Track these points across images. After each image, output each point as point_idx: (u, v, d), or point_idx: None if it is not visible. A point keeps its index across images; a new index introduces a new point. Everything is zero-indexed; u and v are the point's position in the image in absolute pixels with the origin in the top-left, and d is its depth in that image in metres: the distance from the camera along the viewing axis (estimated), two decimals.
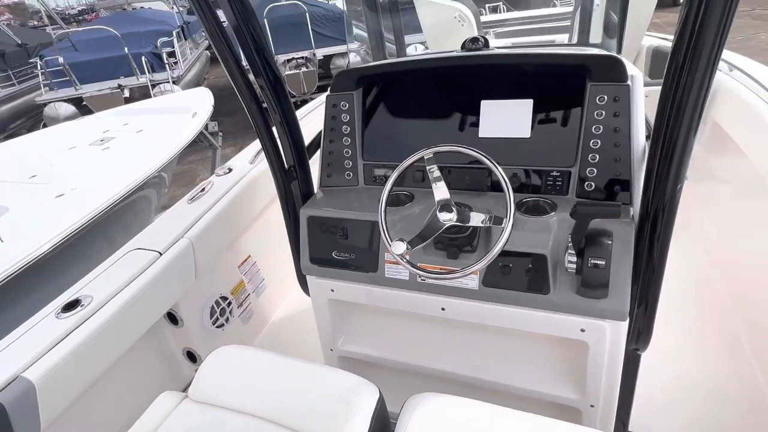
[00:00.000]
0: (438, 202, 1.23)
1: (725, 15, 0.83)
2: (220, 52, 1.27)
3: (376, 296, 1.51)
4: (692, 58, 0.90)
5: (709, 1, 0.82)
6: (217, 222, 1.94)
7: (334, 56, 9.14)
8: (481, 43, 1.51)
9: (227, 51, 1.27)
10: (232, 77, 1.33)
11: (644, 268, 1.18)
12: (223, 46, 1.26)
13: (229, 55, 1.27)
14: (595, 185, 1.31)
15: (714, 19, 0.84)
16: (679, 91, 0.96)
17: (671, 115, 0.99)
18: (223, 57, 1.28)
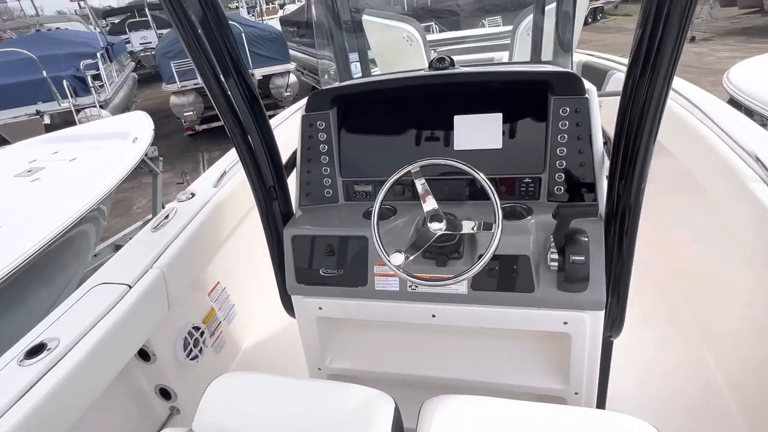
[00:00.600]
0: (427, 212, 1.29)
1: (681, 29, 0.96)
2: (201, 68, 1.25)
3: (366, 310, 1.53)
4: (651, 72, 1.03)
5: (665, 16, 0.95)
6: (186, 249, 1.87)
7: (273, 76, 9.08)
8: (448, 62, 1.61)
9: (207, 67, 1.25)
10: (213, 95, 1.30)
11: (615, 261, 1.31)
12: (203, 62, 1.24)
13: (210, 72, 1.26)
14: (564, 189, 1.43)
15: (671, 33, 0.97)
16: (639, 102, 1.09)
17: (634, 124, 1.12)
18: (203, 73, 1.26)
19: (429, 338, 1.63)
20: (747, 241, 1.69)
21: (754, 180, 1.65)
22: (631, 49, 1.11)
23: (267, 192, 1.51)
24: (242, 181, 2.30)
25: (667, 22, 0.95)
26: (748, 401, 1.71)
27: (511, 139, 1.48)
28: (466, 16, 7.93)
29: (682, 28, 0.95)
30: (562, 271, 1.27)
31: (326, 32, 2.02)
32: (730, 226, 1.79)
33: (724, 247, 1.95)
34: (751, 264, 1.73)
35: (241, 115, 1.37)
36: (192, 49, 1.21)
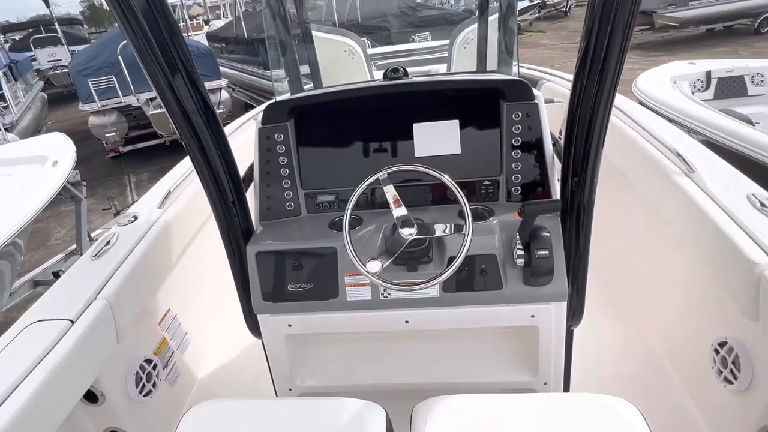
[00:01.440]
0: (398, 218, 1.30)
1: (626, 32, 1.06)
2: (154, 78, 1.17)
3: (338, 322, 1.50)
4: (599, 77, 1.13)
5: (611, 25, 1.04)
6: (133, 276, 1.73)
7: None
8: (402, 73, 1.65)
9: (162, 77, 1.18)
10: (169, 108, 1.23)
11: (574, 254, 1.40)
12: (157, 72, 1.17)
13: (164, 82, 1.18)
14: (521, 189, 1.51)
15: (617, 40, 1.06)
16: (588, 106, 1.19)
17: (584, 127, 1.21)
18: (157, 83, 1.18)
19: (401, 345, 1.63)
20: (675, 228, 1.87)
21: (677, 173, 1.85)
22: (577, 58, 1.21)
23: (227, 208, 1.44)
24: (190, 200, 2.19)
25: (612, 31, 1.05)
26: (683, 367, 1.88)
27: (469, 144, 1.54)
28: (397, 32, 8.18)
29: (627, 32, 1.05)
30: (528, 266, 1.34)
31: (277, 45, 1.99)
32: (659, 215, 1.98)
33: (655, 235, 2.15)
34: (679, 248, 1.92)
35: (197, 128, 1.30)
36: (145, 58, 1.14)
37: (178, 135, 1.30)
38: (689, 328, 1.84)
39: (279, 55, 1.99)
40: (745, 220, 1.50)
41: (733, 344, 1.55)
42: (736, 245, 1.43)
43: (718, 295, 1.66)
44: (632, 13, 1.02)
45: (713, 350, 1.64)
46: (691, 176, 1.80)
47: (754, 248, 1.40)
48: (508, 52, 1.95)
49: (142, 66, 1.16)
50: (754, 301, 1.37)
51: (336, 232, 1.50)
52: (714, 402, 1.66)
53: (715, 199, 1.65)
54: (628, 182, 2.23)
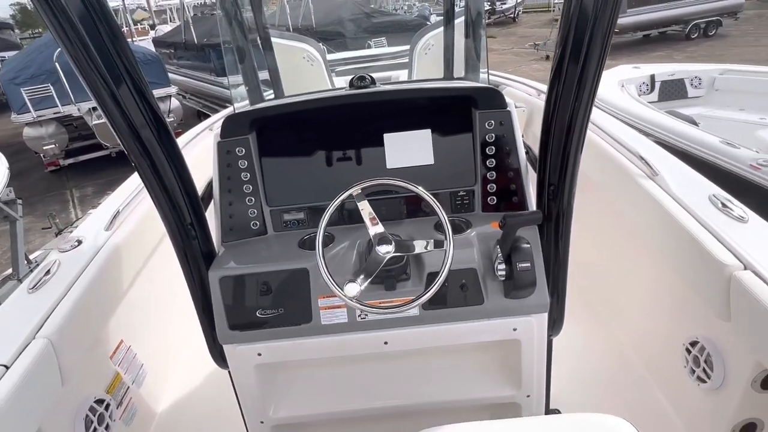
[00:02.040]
0: (374, 236, 1.22)
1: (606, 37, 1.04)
2: (94, 88, 1.04)
3: (312, 348, 1.40)
4: (578, 85, 1.11)
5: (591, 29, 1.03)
6: (79, 309, 1.56)
7: None
8: (368, 81, 1.58)
9: (103, 87, 1.04)
10: (113, 121, 1.09)
11: (553, 264, 1.37)
12: (96, 81, 1.04)
13: (106, 93, 1.05)
14: (497, 199, 1.47)
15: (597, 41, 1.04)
16: (566, 113, 1.16)
17: (563, 135, 1.19)
18: (98, 94, 1.05)
19: (380, 367, 1.55)
20: (642, 230, 1.91)
21: (641, 176, 1.88)
22: (552, 64, 1.18)
23: (185, 230, 1.31)
24: (142, 220, 2.01)
25: (592, 36, 1.03)
26: (656, 368, 1.92)
27: (442, 154, 1.49)
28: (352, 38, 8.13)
29: (607, 36, 1.03)
30: (510, 279, 1.30)
31: (234, 51, 1.86)
32: (626, 218, 2.01)
33: (621, 238, 2.19)
34: (647, 251, 1.95)
35: (147, 143, 1.17)
36: (82, 66, 1.00)
37: (126, 152, 1.17)
38: (660, 330, 1.88)
39: (236, 61, 1.86)
40: (710, 222, 1.54)
41: (705, 343, 1.58)
42: (704, 247, 1.46)
43: (687, 296, 1.69)
44: (612, 16, 1.01)
45: (685, 350, 1.67)
46: (655, 179, 1.83)
47: (722, 250, 1.43)
48: (477, 58, 1.92)
49: (80, 76, 1.02)
50: (725, 301, 1.39)
51: (307, 251, 1.40)
52: (688, 401, 1.69)
53: (680, 201, 1.68)
54: (593, 185, 2.27)
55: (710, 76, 4.98)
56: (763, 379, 1.39)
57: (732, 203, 1.64)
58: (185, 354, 2.29)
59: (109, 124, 1.10)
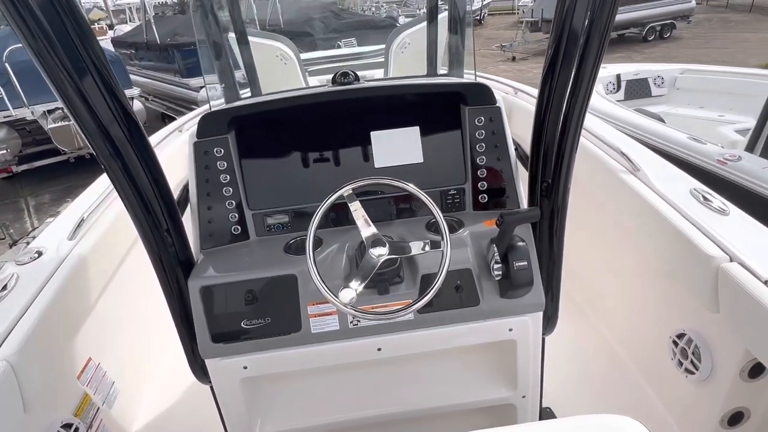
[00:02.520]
0: (367, 238, 1.17)
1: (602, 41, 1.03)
2: (59, 86, 0.94)
3: (301, 358, 1.33)
4: (574, 81, 1.09)
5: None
6: (41, 326, 1.43)
7: None
8: (352, 77, 1.52)
9: (70, 85, 0.95)
10: (81, 122, 0.99)
11: (547, 261, 1.35)
12: (62, 79, 0.94)
13: (77, 96, 0.96)
14: (488, 197, 1.44)
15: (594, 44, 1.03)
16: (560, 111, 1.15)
17: (559, 131, 1.17)
18: (64, 93, 0.95)
19: (372, 373, 1.49)
20: (625, 225, 1.92)
21: (624, 172, 1.90)
22: (546, 60, 1.16)
23: (161, 238, 1.22)
24: (109, 228, 1.88)
25: (591, 27, 1.01)
26: (643, 361, 1.94)
27: (431, 152, 1.45)
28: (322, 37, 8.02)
29: (606, 27, 1.01)
30: (506, 278, 1.26)
31: (210, 47, 1.76)
32: (609, 214, 2.03)
33: (605, 233, 2.21)
34: (630, 245, 1.97)
35: (119, 145, 1.07)
36: (47, 63, 0.90)
37: (96, 155, 1.06)
38: (647, 323, 1.90)
39: (212, 59, 1.77)
40: (694, 216, 1.56)
41: (692, 335, 1.60)
42: (691, 241, 1.47)
43: (673, 289, 1.71)
44: (613, 8, 0.99)
45: (672, 342, 1.69)
46: (637, 174, 1.85)
47: (708, 243, 1.44)
48: (461, 55, 1.89)
49: (44, 74, 0.93)
50: (713, 293, 1.41)
51: (293, 256, 1.33)
52: (677, 393, 1.71)
53: (663, 195, 1.70)
54: (575, 181, 2.28)
55: (672, 75, 5.17)
56: (751, 369, 1.42)
57: (712, 196, 1.67)
58: (160, 369, 2.16)
59: (75, 123, 1.00)
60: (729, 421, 1.52)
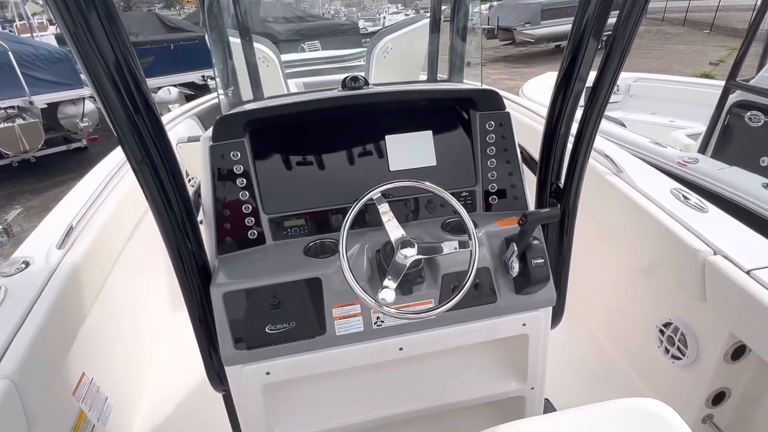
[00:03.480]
0: (396, 240, 1.19)
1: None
2: (96, 76, 0.90)
3: (325, 361, 1.33)
4: (597, 84, 1.17)
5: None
6: (39, 341, 1.34)
7: (61, 104, 7.48)
8: (362, 82, 1.54)
9: (106, 75, 0.91)
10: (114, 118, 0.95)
11: (557, 257, 1.43)
12: (99, 68, 0.90)
13: (109, 82, 0.91)
14: (498, 198, 1.50)
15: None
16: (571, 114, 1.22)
17: (576, 139, 1.25)
18: (99, 84, 0.91)
19: (390, 373, 1.51)
20: (611, 223, 2.05)
21: (608, 173, 2.03)
22: (561, 70, 1.24)
23: (184, 242, 1.19)
24: (98, 235, 1.79)
25: (620, 26, 1.09)
26: (630, 351, 2.07)
27: (443, 155, 1.49)
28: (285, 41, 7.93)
29: (637, 18, 1.10)
30: (522, 275, 1.33)
31: (225, 47, 1.72)
32: (594, 213, 2.15)
33: (593, 231, 2.33)
34: (615, 243, 2.11)
35: (147, 144, 1.03)
36: (83, 49, 0.86)
37: (126, 154, 1.02)
38: (633, 315, 2.03)
39: (225, 59, 1.72)
40: (678, 213, 1.69)
41: (678, 324, 1.73)
42: (678, 236, 1.60)
43: (658, 282, 1.85)
44: (640, 13, 1.08)
45: (658, 331, 1.82)
46: (620, 176, 1.98)
47: (693, 238, 1.58)
48: (461, 61, 1.96)
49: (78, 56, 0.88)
50: (700, 284, 1.54)
51: (314, 259, 1.33)
52: (664, 377, 1.84)
53: (647, 195, 1.84)
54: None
55: (626, 83, 5.52)
56: (734, 351, 1.56)
57: (690, 195, 1.82)
58: (153, 382, 2.07)
59: (109, 120, 0.96)
60: (713, 401, 1.66)
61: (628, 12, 1.12)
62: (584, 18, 1.20)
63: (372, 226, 1.43)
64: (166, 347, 1.88)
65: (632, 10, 1.11)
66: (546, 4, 15.41)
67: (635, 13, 1.11)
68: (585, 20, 1.21)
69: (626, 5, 1.12)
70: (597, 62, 1.28)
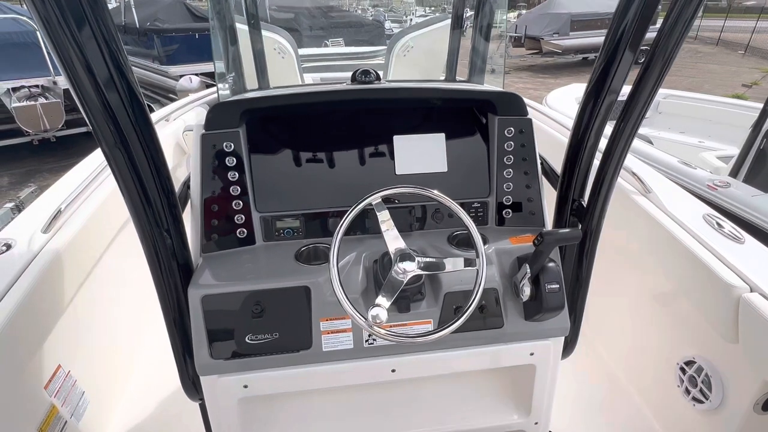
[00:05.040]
0: (395, 252, 1.07)
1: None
2: (67, 64, 0.81)
3: (308, 378, 1.21)
4: (631, 99, 1.04)
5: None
6: (8, 330, 1.26)
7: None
8: (373, 76, 1.42)
9: (80, 63, 0.81)
10: (85, 101, 0.86)
11: (574, 284, 1.29)
12: (71, 55, 0.81)
13: (83, 69, 0.82)
14: (512, 213, 1.37)
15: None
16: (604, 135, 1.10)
17: (605, 154, 1.12)
18: (68, 65, 0.81)
19: (381, 395, 1.39)
20: (633, 246, 1.89)
21: (635, 193, 1.87)
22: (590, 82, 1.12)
23: (162, 238, 1.08)
24: (87, 221, 1.70)
25: (661, 39, 0.96)
26: (647, 389, 1.91)
27: (455, 162, 1.37)
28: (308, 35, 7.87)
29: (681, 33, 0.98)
30: (533, 300, 1.19)
31: (227, 32, 1.62)
32: (617, 236, 2.00)
33: (612, 256, 2.16)
34: (637, 266, 1.95)
35: (124, 130, 0.93)
36: (53, 29, 0.77)
37: (98, 139, 0.92)
38: (651, 348, 1.87)
39: (227, 44, 1.63)
40: (710, 242, 1.54)
41: (702, 363, 1.57)
42: (708, 268, 1.45)
43: (683, 315, 1.69)
44: (687, 25, 0.95)
45: (679, 369, 1.66)
46: (648, 196, 1.83)
47: (727, 272, 1.42)
48: (483, 64, 1.83)
49: (49, 43, 0.79)
50: (733, 323, 1.38)
51: (305, 265, 1.22)
52: (682, 422, 1.68)
53: (676, 219, 1.68)
54: None
55: (655, 99, 5.29)
56: (766, 401, 1.40)
57: (725, 222, 1.66)
58: (135, 379, 1.98)
59: (78, 101, 0.86)
60: None
61: (673, 22, 1.00)
62: (621, 26, 1.08)
63: (372, 233, 1.31)
64: (150, 342, 1.78)
65: (677, 23, 0.99)
66: (576, 15, 15.14)
67: (680, 25, 0.99)
68: (622, 29, 1.08)
69: (671, 16, 1.00)
70: (631, 75, 1.17)
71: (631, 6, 1.08)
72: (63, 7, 0.76)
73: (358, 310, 1.00)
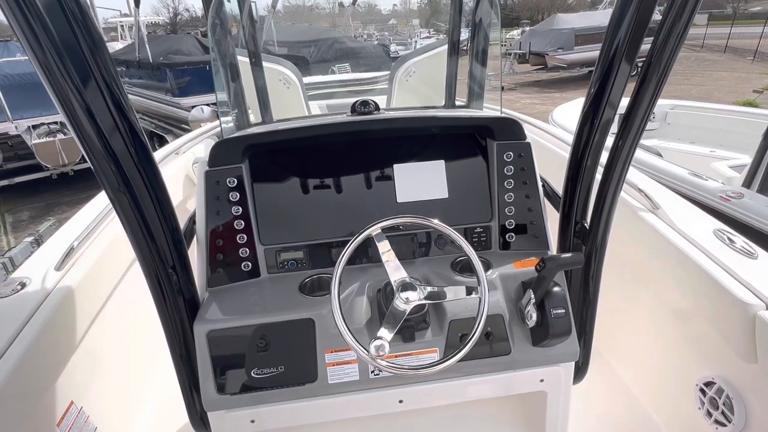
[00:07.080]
0: (397, 282, 1.07)
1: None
2: (65, 102, 0.84)
3: (315, 411, 1.20)
4: (627, 120, 1.04)
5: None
6: (24, 368, 1.28)
7: None
8: (372, 107, 1.45)
9: (79, 103, 0.84)
10: (87, 144, 0.89)
11: (580, 307, 1.27)
12: (71, 94, 0.84)
13: (82, 110, 0.85)
14: (516, 236, 1.36)
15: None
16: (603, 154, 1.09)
17: (604, 173, 1.12)
18: (70, 109, 0.84)
19: (391, 425, 1.37)
20: (645, 265, 1.86)
21: (642, 210, 1.85)
22: (586, 102, 1.12)
23: (167, 275, 1.10)
24: (99, 258, 1.74)
25: (655, 56, 0.97)
26: (667, 411, 1.84)
27: (456, 187, 1.37)
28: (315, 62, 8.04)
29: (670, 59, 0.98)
30: (539, 326, 1.18)
31: (228, 69, 1.68)
32: (628, 255, 1.97)
33: (624, 273, 2.13)
34: (650, 285, 1.91)
35: (126, 170, 0.96)
36: (51, 73, 0.80)
37: (101, 182, 0.95)
38: (668, 369, 1.81)
39: (229, 81, 1.68)
40: (723, 258, 1.50)
41: (722, 384, 1.52)
42: (723, 286, 1.41)
43: (699, 335, 1.64)
44: (679, 40, 0.96)
45: (699, 390, 1.61)
46: (656, 212, 1.81)
47: (742, 289, 1.38)
48: (482, 88, 1.85)
49: (48, 86, 0.82)
50: (750, 342, 1.34)
51: (309, 297, 1.22)
52: None
53: (686, 235, 1.65)
54: None
55: (663, 110, 5.27)
56: None
57: (736, 237, 1.63)
58: (147, 413, 1.99)
59: (78, 141, 0.89)
60: None
61: (666, 35, 1.00)
62: (615, 41, 1.08)
63: (376, 261, 1.32)
64: (161, 377, 1.78)
65: (670, 34, 0.99)
66: (580, 30, 15.26)
67: (674, 36, 0.99)
68: (616, 43, 1.09)
69: (663, 28, 1.00)
70: (629, 89, 1.16)
71: (624, 19, 1.08)
72: (62, 53, 0.79)
73: (361, 341, 1.00)
